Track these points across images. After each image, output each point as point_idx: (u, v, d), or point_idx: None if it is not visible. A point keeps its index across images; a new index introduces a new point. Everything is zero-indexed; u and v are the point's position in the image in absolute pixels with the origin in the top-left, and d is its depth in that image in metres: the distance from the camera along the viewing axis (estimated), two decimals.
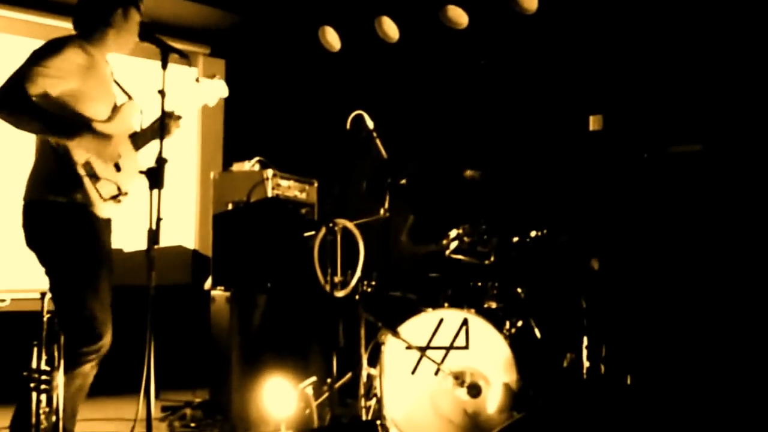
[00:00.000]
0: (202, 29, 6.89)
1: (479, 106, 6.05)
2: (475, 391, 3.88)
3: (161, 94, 3.01)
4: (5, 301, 5.70)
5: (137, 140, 3.54)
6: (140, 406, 2.92)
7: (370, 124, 4.36)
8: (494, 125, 5.93)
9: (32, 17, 6.13)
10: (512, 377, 3.92)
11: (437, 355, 3.97)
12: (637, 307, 4.78)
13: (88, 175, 3.23)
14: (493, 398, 3.92)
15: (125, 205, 3.41)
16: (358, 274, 4.16)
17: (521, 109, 5.84)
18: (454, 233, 4.48)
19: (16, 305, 5.64)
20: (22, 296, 5.58)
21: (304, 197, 5.50)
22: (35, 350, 3.09)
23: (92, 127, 3.28)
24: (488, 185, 4.85)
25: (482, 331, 3.99)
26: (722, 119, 4.92)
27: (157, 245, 2.97)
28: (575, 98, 5.59)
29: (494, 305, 4.39)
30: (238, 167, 5.48)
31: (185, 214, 6.89)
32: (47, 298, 3.19)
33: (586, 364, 4.28)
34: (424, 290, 4.44)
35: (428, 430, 3.93)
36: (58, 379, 3.08)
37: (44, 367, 3.08)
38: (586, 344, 4.28)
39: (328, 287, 4.02)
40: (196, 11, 6.69)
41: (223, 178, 5.47)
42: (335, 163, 5.07)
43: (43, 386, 3.06)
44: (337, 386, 4.05)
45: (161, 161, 3.04)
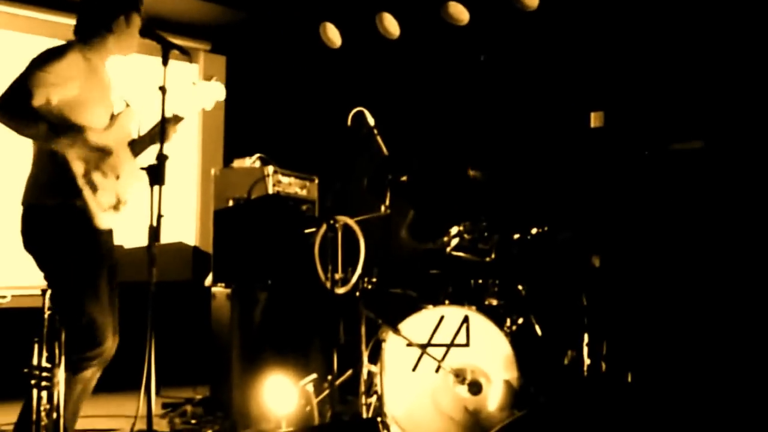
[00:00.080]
0: (202, 25, 6.89)
1: (480, 102, 6.04)
2: (475, 388, 3.88)
3: (162, 90, 3.00)
4: (6, 297, 5.72)
5: (135, 147, 3.53)
6: (141, 402, 2.92)
7: (370, 120, 4.36)
8: (495, 122, 5.92)
9: (34, 14, 6.14)
10: (513, 374, 3.92)
11: (438, 352, 3.96)
12: (638, 304, 4.78)
13: (88, 185, 3.22)
14: (493, 395, 3.92)
15: (124, 213, 3.40)
16: (358, 271, 4.16)
17: (522, 105, 5.83)
18: (454, 230, 4.48)
19: (17, 302, 5.67)
20: (23, 293, 5.60)
21: (304, 194, 5.49)
22: (36, 347, 3.09)
23: (91, 137, 3.26)
24: (490, 183, 4.85)
25: (483, 328, 3.99)
26: (724, 116, 4.91)
27: (157, 242, 2.96)
28: (576, 95, 5.58)
29: (495, 302, 4.39)
30: (238, 164, 5.48)
31: (186, 210, 6.89)
32: (48, 294, 3.18)
33: (587, 361, 4.27)
34: (424, 287, 4.44)
35: (429, 427, 3.93)
36: (59, 376, 3.08)
37: (45, 364, 3.08)
38: (586, 341, 4.28)
39: (328, 284, 4.01)
40: (196, 7, 6.68)
41: (223, 174, 5.47)
42: (336, 159, 5.08)
43: (43, 383, 3.06)
44: (337, 383, 4.05)
45: (162, 158, 3.03)
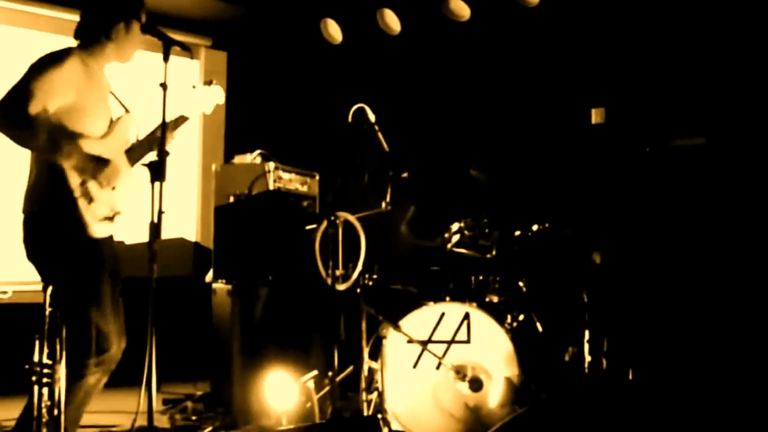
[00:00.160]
0: (203, 21, 6.88)
1: (481, 99, 6.04)
2: (476, 385, 3.88)
3: (163, 87, 2.99)
4: (7, 293, 5.72)
5: (133, 154, 3.48)
6: (141, 398, 2.91)
7: (371, 117, 4.35)
8: (496, 118, 5.92)
9: (37, 9, 6.14)
10: (514, 371, 3.92)
11: (439, 349, 3.97)
12: (639, 301, 4.78)
13: (82, 195, 3.21)
14: (494, 392, 3.92)
15: (119, 223, 3.40)
16: (359, 267, 4.16)
17: (523, 102, 5.82)
18: (455, 227, 4.48)
19: (18, 297, 5.67)
20: (24, 288, 5.61)
21: (305, 190, 5.49)
22: (37, 343, 3.09)
23: (88, 148, 3.24)
24: (491, 184, 4.85)
25: (484, 325, 3.99)
26: (725, 112, 4.90)
27: (158, 238, 2.95)
28: (577, 91, 5.58)
29: (496, 299, 4.39)
30: (239, 160, 5.48)
31: (187, 206, 6.89)
32: (49, 290, 3.18)
33: (587, 358, 4.28)
34: (425, 284, 4.44)
35: (430, 424, 3.93)
36: (60, 372, 3.07)
37: (46, 360, 3.08)
38: (587, 338, 4.28)
39: (329, 280, 4.01)
40: (198, 3, 6.67)
41: (224, 170, 5.47)
42: (337, 156, 5.07)
43: (44, 380, 3.05)
44: (338, 380, 4.05)
45: (163, 154, 3.02)
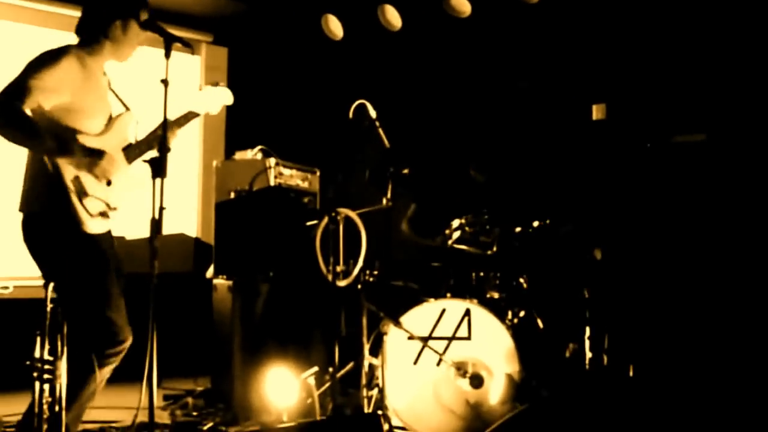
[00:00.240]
0: (205, 17, 6.87)
1: (482, 95, 6.03)
2: (477, 381, 3.88)
3: (164, 83, 2.99)
4: (8, 288, 5.72)
5: (131, 153, 3.48)
6: (142, 394, 2.92)
7: (372, 113, 4.35)
8: (497, 114, 5.91)
9: (39, 6, 6.14)
10: (515, 368, 3.92)
11: (439, 345, 3.97)
12: (639, 297, 4.78)
13: (76, 191, 3.21)
14: (495, 389, 3.92)
15: (115, 218, 3.40)
16: (360, 263, 4.16)
17: (524, 98, 5.82)
18: (456, 223, 4.48)
19: (19, 292, 5.67)
20: (25, 284, 5.61)
21: (306, 186, 5.49)
22: (38, 339, 3.09)
23: (83, 142, 3.25)
24: (490, 182, 4.85)
25: (484, 321, 3.99)
26: (726, 109, 4.90)
27: (159, 234, 2.96)
28: (578, 87, 5.57)
29: (497, 295, 4.40)
30: (240, 156, 5.47)
31: (187, 202, 6.89)
32: (51, 286, 3.18)
33: (588, 354, 4.28)
34: (426, 280, 4.44)
35: (430, 420, 3.94)
36: (61, 368, 3.08)
37: (47, 356, 3.08)
38: (588, 335, 4.28)
39: (330, 276, 4.01)
40: None
41: (225, 166, 5.46)
42: (338, 152, 5.06)
43: (46, 376, 3.06)
44: (339, 376, 4.05)
45: (164, 150, 3.02)
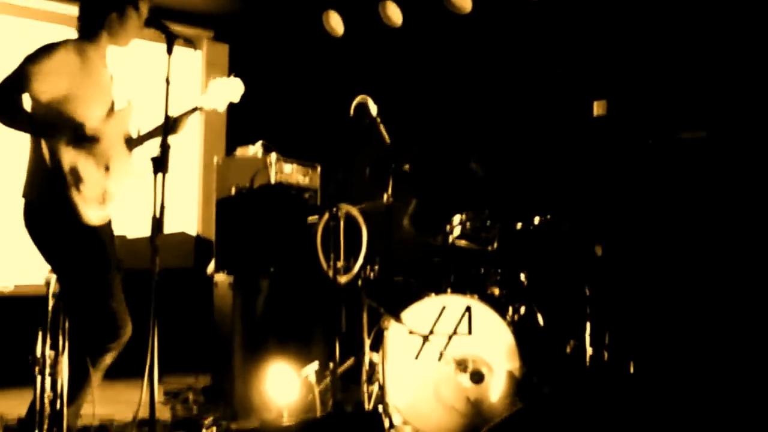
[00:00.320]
0: (205, 13, 6.87)
1: (483, 91, 6.03)
2: (477, 377, 3.88)
3: (166, 81, 3.00)
4: (9, 285, 5.73)
5: (132, 144, 3.53)
6: (143, 389, 2.92)
7: (373, 109, 4.34)
8: (498, 111, 5.91)
9: (40, 6, 6.15)
10: (515, 364, 3.92)
11: (440, 341, 3.97)
12: (640, 294, 4.78)
13: (72, 178, 3.24)
14: (496, 385, 3.92)
15: (112, 208, 3.41)
16: (360, 259, 4.16)
17: (525, 94, 5.82)
18: (457, 219, 4.48)
19: (20, 289, 5.67)
20: (26, 281, 5.61)
21: (307, 182, 5.49)
22: (40, 335, 3.10)
23: (81, 129, 3.28)
24: (490, 178, 4.84)
25: (485, 317, 3.99)
26: (728, 105, 4.89)
27: (161, 233, 2.96)
28: (579, 83, 5.57)
29: (497, 292, 4.39)
30: (241, 152, 5.47)
31: (188, 198, 6.89)
32: (53, 282, 3.19)
33: (589, 351, 4.28)
34: (427, 276, 4.44)
35: (431, 416, 3.93)
36: (62, 364, 3.09)
37: (48, 352, 3.09)
38: (589, 331, 4.28)
39: (330, 272, 4.01)
40: None
41: (226, 163, 5.46)
42: (338, 148, 5.06)
43: (47, 371, 3.06)
44: (339, 372, 4.04)
45: (165, 147, 3.03)
